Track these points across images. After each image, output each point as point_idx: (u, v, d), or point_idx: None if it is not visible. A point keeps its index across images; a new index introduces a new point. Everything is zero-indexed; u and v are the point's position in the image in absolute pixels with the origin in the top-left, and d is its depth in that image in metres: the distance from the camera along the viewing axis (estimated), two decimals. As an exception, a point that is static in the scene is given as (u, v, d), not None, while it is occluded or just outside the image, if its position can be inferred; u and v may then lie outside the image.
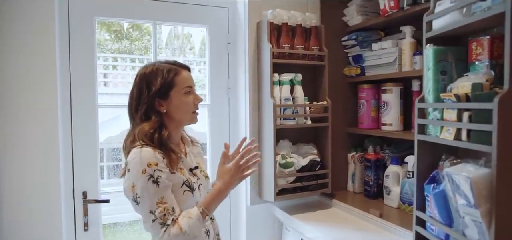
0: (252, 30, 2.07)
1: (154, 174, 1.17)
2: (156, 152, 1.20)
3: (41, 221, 1.74)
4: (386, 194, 1.99)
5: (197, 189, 1.30)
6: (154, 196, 1.17)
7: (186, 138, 1.43)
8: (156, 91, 1.25)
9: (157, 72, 1.27)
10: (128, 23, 3.46)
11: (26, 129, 1.71)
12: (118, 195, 2.43)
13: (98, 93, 1.95)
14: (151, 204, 1.17)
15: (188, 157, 1.36)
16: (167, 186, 1.20)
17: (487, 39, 1.12)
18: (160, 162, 1.19)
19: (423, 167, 1.28)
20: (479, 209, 0.95)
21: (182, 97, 1.29)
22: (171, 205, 1.20)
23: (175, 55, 5.15)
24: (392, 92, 2.02)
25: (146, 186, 1.17)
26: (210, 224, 1.37)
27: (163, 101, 1.27)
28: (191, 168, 1.34)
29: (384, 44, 2.02)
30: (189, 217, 1.21)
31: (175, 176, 1.23)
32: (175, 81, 1.28)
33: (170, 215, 1.18)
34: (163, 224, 1.17)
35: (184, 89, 1.29)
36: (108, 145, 4.53)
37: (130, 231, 4.11)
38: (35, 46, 1.71)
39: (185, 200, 1.25)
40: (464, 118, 1.06)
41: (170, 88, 1.27)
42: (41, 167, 1.74)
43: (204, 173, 1.40)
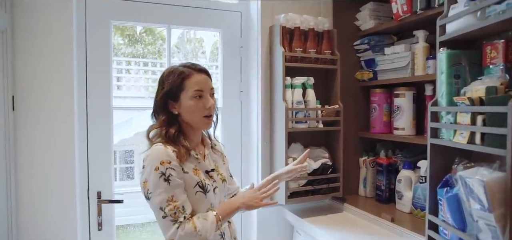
0: (264, 34, 2.09)
1: (166, 172, 1.19)
2: (168, 149, 1.22)
3: (57, 219, 1.78)
4: (398, 199, 1.98)
5: (211, 191, 1.31)
6: (165, 193, 1.19)
7: (207, 141, 1.43)
8: (166, 92, 1.28)
9: (170, 74, 1.30)
10: (143, 27, 3.50)
11: (44, 130, 1.75)
12: (131, 196, 2.47)
13: (113, 96, 1.98)
14: (161, 201, 1.19)
15: (206, 159, 1.37)
16: (178, 184, 1.22)
17: (502, 42, 1.11)
18: (173, 161, 1.21)
19: (436, 171, 1.27)
20: (493, 213, 0.94)
21: (190, 101, 1.28)
22: (182, 203, 1.21)
23: (188, 59, 5.20)
24: (404, 97, 2.01)
25: (157, 183, 1.19)
26: (227, 227, 1.38)
27: (174, 103, 1.29)
28: (208, 171, 1.35)
29: (397, 48, 2.01)
30: (204, 219, 1.23)
31: (188, 176, 1.25)
32: (185, 84, 1.28)
33: (180, 213, 1.20)
34: (175, 221, 1.19)
35: (194, 92, 1.28)
36: (121, 147, 4.59)
37: (143, 232, 4.15)
38: (53, 50, 1.75)
39: (198, 200, 1.27)
40: (478, 122, 1.06)
41: (179, 90, 1.28)
42: (57, 167, 1.77)
43: (221, 177, 1.40)
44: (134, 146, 4.61)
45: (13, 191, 1.69)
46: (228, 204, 1.34)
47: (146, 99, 5.32)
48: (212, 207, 1.31)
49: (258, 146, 2.12)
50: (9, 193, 1.67)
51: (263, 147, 2.10)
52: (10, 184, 1.67)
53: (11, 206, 1.67)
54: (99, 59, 1.92)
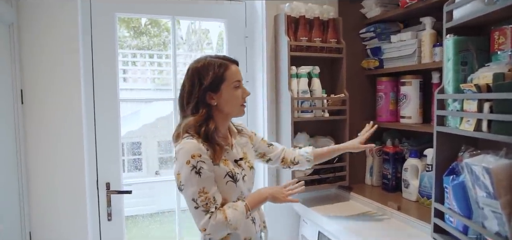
0: (269, 24, 2.08)
1: (197, 165, 1.24)
2: (200, 144, 1.26)
3: (67, 210, 1.81)
4: (404, 188, 1.97)
5: (241, 179, 1.36)
6: (196, 185, 1.24)
7: (233, 130, 1.48)
8: (208, 84, 1.30)
9: (208, 66, 1.32)
10: (147, 18, 3.51)
11: (52, 123, 1.77)
12: (139, 187, 2.50)
13: (120, 89, 2.00)
14: (193, 192, 1.24)
15: (234, 148, 1.41)
16: (209, 176, 1.26)
17: (510, 28, 1.10)
18: (203, 154, 1.25)
19: (442, 159, 1.27)
20: (499, 200, 0.94)
21: (231, 91, 1.33)
22: (213, 194, 1.27)
23: (193, 50, 5.20)
24: (411, 85, 2.00)
25: (189, 176, 1.24)
26: (257, 213, 1.45)
27: (214, 94, 1.32)
28: (236, 160, 1.39)
29: (403, 36, 1.99)
30: (235, 209, 1.29)
31: (218, 167, 1.30)
32: (226, 75, 1.32)
33: (212, 204, 1.25)
34: (207, 211, 1.25)
35: (234, 83, 1.34)
36: (128, 139, 4.63)
37: (151, 222, 4.21)
38: (59, 43, 1.76)
39: (228, 190, 1.32)
40: (485, 109, 1.05)
41: (221, 82, 1.32)
42: (66, 159, 1.80)
43: (249, 164, 1.45)
44: (142, 138, 4.65)
45: (24, 183, 1.72)
46: (257, 194, 1.40)
47: (152, 91, 5.35)
48: (242, 195, 1.37)
49: (264, 135, 2.12)
50: (20, 185, 1.70)
51: (269, 137, 2.10)
52: (20, 176, 1.70)
53: (22, 197, 1.71)
54: (105, 51, 1.93)
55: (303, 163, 1.67)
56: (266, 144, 1.63)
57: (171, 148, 2.06)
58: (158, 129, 4.57)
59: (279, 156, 1.64)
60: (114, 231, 2.00)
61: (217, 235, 1.30)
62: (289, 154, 1.67)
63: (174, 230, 2.23)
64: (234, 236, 1.34)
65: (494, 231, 1.00)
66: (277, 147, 1.65)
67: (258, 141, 1.60)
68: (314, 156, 1.68)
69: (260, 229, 1.45)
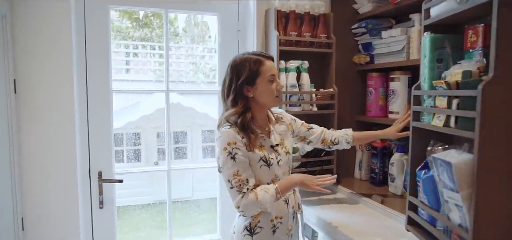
0: (260, 18, 2.11)
1: (232, 151, 1.40)
2: (236, 132, 1.42)
3: (59, 197, 1.87)
4: (390, 182, 2.00)
5: (275, 164, 1.51)
6: (231, 169, 1.41)
7: (271, 118, 1.61)
8: (245, 79, 1.44)
9: (245, 62, 1.46)
10: (141, 11, 3.54)
11: (45, 112, 1.83)
12: (132, 177, 2.56)
13: (120, 80, 2.05)
14: (229, 175, 1.42)
15: (272, 135, 1.54)
16: (243, 161, 1.42)
17: (482, 26, 1.12)
18: (238, 142, 1.41)
19: (417, 153, 1.30)
20: (460, 193, 0.97)
21: (266, 84, 1.47)
22: (246, 177, 1.42)
23: (195, 42, 5.24)
24: (399, 81, 2.02)
25: (225, 160, 1.41)
26: (293, 194, 1.58)
27: (250, 88, 1.46)
28: (273, 145, 1.53)
29: (393, 32, 2.01)
30: (266, 191, 1.43)
31: (252, 153, 1.45)
32: (261, 70, 1.46)
33: (244, 185, 1.41)
34: (240, 191, 1.41)
35: (268, 77, 1.46)
36: (128, 130, 4.71)
37: (143, 211, 4.30)
38: (52, 34, 1.81)
39: (262, 173, 1.48)
40: (453, 105, 1.07)
41: (256, 76, 1.45)
42: (58, 148, 1.86)
43: (285, 150, 1.57)
44: (140, 130, 4.72)
45: (17, 171, 1.79)
46: (288, 179, 1.53)
47: (153, 83, 5.40)
48: (276, 177, 1.51)
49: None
50: (13, 173, 1.76)
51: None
52: (13, 164, 1.76)
53: (15, 184, 1.77)
54: (98, 42, 1.97)
55: (343, 143, 1.81)
56: (306, 128, 1.76)
57: (170, 139, 2.13)
58: (157, 120, 4.63)
59: (319, 138, 1.78)
60: (106, 219, 2.06)
61: (250, 213, 1.45)
62: (328, 135, 1.80)
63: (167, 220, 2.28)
64: (266, 214, 1.48)
65: (457, 223, 1.03)
66: (316, 129, 1.78)
67: (298, 126, 1.73)
68: (353, 139, 1.82)
69: (294, 210, 1.58)
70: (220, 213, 2.34)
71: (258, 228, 1.49)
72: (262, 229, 1.49)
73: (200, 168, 3.83)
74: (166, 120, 2.16)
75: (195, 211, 4.70)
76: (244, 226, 1.50)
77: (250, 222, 1.49)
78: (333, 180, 1.56)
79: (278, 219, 1.51)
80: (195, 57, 5.39)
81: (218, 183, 2.32)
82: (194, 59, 5.38)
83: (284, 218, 1.53)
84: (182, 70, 5.32)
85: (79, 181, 1.92)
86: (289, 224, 1.56)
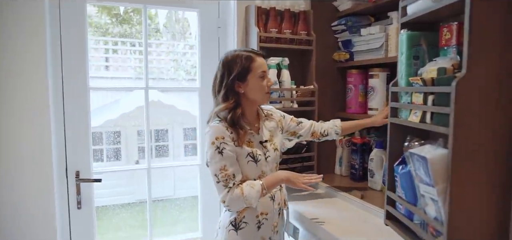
0: (240, 14, 2.10)
1: (220, 146, 1.43)
2: (225, 128, 1.45)
3: (35, 197, 1.82)
4: (370, 177, 2.04)
5: (263, 160, 1.53)
6: (219, 163, 1.43)
7: (261, 114, 1.63)
8: (236, 74, 1.47)
9: (236, 58, 1.49)
10: (119, 6, 3.48)
11: (19, 110, 1.77)
12: (112, 176, 2.52)
13: (99, 77, 2.01)
14: (216, 169, 1.44)
15: (261, 131, 1.57)
16: (230, 156, 1.44)
17: (456, 24, 1.14)
18: (226, 136, 1.44)
19: (395, 149, 1.32)
20: (436, 187, 0.99)
21: (257, 81, 1.49)
22: (233, 172, 1.44)
23: (176, 39, 5.18)
24: (378, 78, 2.05)
25: (213, 154, 1.44)
26: (279, 191, 1.61)
27: (241, 83, 1.48)
28: (262, 141, 1.56)
29: (372, 29, 2.04)
30: (251, 187, 1.46)
31: (240, 149, 1.47)
32: (252, 66, 1.48)
33: (231, 180, 1.44)
34: (226, 186, 1.43)
35: (259, 73, 1.49)
36: (107, 128, 4.62)
37: (124, 211, 4.23)
38: (26, 30, 1.75)
39: (249, 169, 1.50)
40: (429, 102, 1.10)
41: (247, 72, 1.48)
42: (33, 147, 1.81)
43: (274, 146, 1.60)
44: (120, 128, 4.64)
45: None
46: (274, 176, 1.54)
47: (133, 80, 5.31)
48: (263, 174, 1.54)
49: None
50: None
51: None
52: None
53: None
54: (74, 39, 1.92)
55: (332, 134, 1.84)
56: (296, 122, 1.78)
57: (150, 138, 2.11)
58: (138, 118, 4.57)
59: (309, 131, 1.80)
60: (84, 219, 2.02)
61: (235, 208, 1.48)
62: (318, 127, 1.83)
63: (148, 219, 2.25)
64: (251, 210, 1.50)
65: (433, 217, 1.06)
66: (305, 123, 1.81)
67: (288, 122, 1.76)
68: (342, 129, 1.84)
69: (279, 207, 1.61)
70: (201, 211, 2.32)
71: (243, 224, 1.51)
72: (247, 224, 1.51)
73: (181, 166, 3.80)
74: (145, 118, 2.13)
75: (177, 210, 4.66)
76: (229, 221, 1.52)
77: (235, 217, 1.51)
78: (319, 179, 1.59)
79: (263, 215, 1.53)
80: (176, 54, 5.33)
81: (199, 181, 2.30)
82: (175, 56, 5.32)
83: (270, 214, 1.55)
84: (163, 67, 5.26)
85: (56, 181, 1.88)
86: (275, 221, 1.58)
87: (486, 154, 0.99)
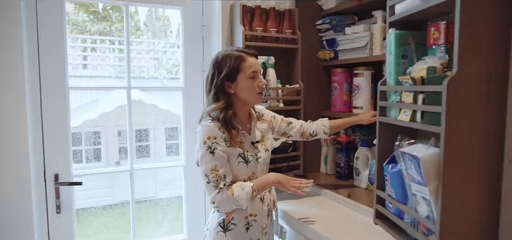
0: (225, 13, 2.07)
1: (212, 146, 1.40)
2: (217, 127, 1.42)
3: (11, 202, 1.74)
4: (355, 175, 2.04)
5: (254, 160, 1.51)
6: (210, 163, 1.41)
7: (253, 115, 1.60)
8: (226, 74, 1.44)
9: (226, 58, 1.46)
10: (99, 3, 3.38)
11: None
12: (92, 177, 2.44)
13: (77, 75, 1.93)
14: (206, 169, 1.41)
15: (252, 132, 1.55)
16: (221, 157, 1.42)
17: (444, 24, 1.15)
18: (218, 136, 1.42)
19: (384, 148, 1.32)
20: (428, 186, 0.99)
21: (248, 81, 1.46)
22: (224, 173, 1.42)
23: (156, 37, 5.08)
24: (363, 76, 2.06)
25: (204, 154, 1.41)
26: (268, 193, 1.59)
27: (231, 84, 1.46)
28: (253, 142, 1.54)
29: (357, 28, 2.04)
30: (242, 188, 1.43)
31: (232, 149, 1.45)
32: (242, 66, 1.45)
33: (221, 180, 1.41)
34: (216, 186, 1.41)
35: (250, 73, 1.46)
36: (86, 128, 4.48)
37: (105, 214, 4.12)
38: (0, 29, 1.67)
39: (240, 169, 1.48)
40: (419, 101, 1.10)
41: (237, 72, 1.45)
42: (8, 150, 1.72)
43: (265, 147, 1.59)
44: (100, 128, 4.51)
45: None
46: (265, 178, 1.53)
47: (113, 79, 5.19)
48: (253, 175, 1.52)
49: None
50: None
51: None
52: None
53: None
54: (52, 37, 1.84)
55: (321, 134, 1.84)
56: (286, 123, 1.78)
57: (132, 138, 2.05)
58: (118, 118, 4.46)
59: (299, 131, 1.80)
60: (64, 224, 1.94)
61: (225, 209, 1.45)
62: (307, 128, 1.82)
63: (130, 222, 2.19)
64: (240, 211, 1.48)
65: (424, 215, 1.06)
66: (295, 124, 1.80)
67: (278, 122, 1.75)
68: (330, 128, 1.84)
69: (269, 208, 1.59)
70: (186, 213, 2.28)
71: (232, 225, 1.49)
72: (236, 226, 1.49)
73: (165, 167, 3.72)
74: (128, 118, 2.07)
75: (160, 211, 4.58)
76: (218, 223, 1.50)
77: (224, 218, 1.49)
78: (310, 184, 1.57)
79: (252, 217, 1.51)
80: (157, 53, 5.24)
81: (184, 182, 2.26)
82: (156, 55, 5.23)
83: (259, 216, 1.53)
84: (144, 65, 5.16)
85: (33, 185, 1.80)
86: (264, 222, 1.56)
87: (478, 152, 1.00)
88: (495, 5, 0.99)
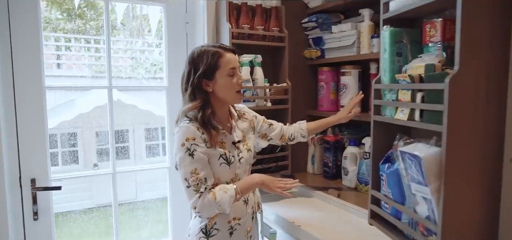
0: (210, 10, 2.01)
1: (191, 148, 1.33)
2: (195, 128, 1.34)
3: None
4: (344, 175, 2.03)
5: (236, 161, 1.44)
6: (189, 166, 1.33)
7: (234, 114, 1.53)
8: (202, 72, 1.37)
9: (203, 54, 1.38)
10: (79, 0, 3.25)
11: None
12: (70, 181, 2.32)
13: (51, 75, 1.83)
14: (186, 172, 1.34)
15: (233, 131, 1.48)
16: (201, 159, 1.34)
17: (440, 21, 1.14)
18: (197, 138, 1.34)
19: (379, 147, 1.30)
20: (429, 186, 0.98)
21: (226, 78, 1.39)
22: (204, 176, 1.34)
23: (133, 36, 4.95)
24: (350, 75, 2.05)
25: (183, 157, 1.33)
26: (252, 194, 1.52)
27: (209, 82, 1.39)
28: (234, 142, 1.46)
29: (343, 26, 2.03)
30: (225, 191, 1.36)
31: (213, 150, 1.38)
32: (220, 63, 1.38)
33: (202, 184, 1.33)
34: (197, 191, 1.33)
35: (228, 70, 1.39)
36: (62, 130, 4.31)
37: (85, 219, 3.98)
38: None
39: (222, 171, 1.40)
40: (418, 99, 1.08)
41: (215, 69, 1.38)
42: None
43: (247, 147, 1.52)
44: (78, 129, 4.35)
45: None
46: (249, 180, 1.47)
47: (89, 79, 5.02)
48: (236, 176, 1.45)
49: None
50: None
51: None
52: None
53: None
54: (27, 35, 1.73)
55: (299, 138, 1.79)
56: (267, 124, 1.71)
57: (113, 140, 1.96)
58: (96, 119, 4.31)
59: (279, 135, 1.74)
60: (42, 231, 1.83)
61: (207, 214, 1.38)
62: (286, 131, 1.76)
63: (112, 225, 2.10)
64: (223, 215, 1.40)
65: (424, 216, 1.04)
66: (276, 126, 1.73)
67: (260, 123, 1.68)
68: (308, 131, 1.79)
69: (253, 210, 1.52)
70: (171, 215, 2.21)
71: (215, 231, 1.41)
72: (219, 231, 1.41)
73: (149, 169, 3.60)
74: (109, 118, 1.97)
75: (142, 214, 4.46)
76: (200, 229, 1.42)
77: (206, 224, 1.41)
78: (296, 184, 1.53)
79: (236, 221, 1.44)
80: (135, 52, 5.10)
81: (168, 184, 2.18)
82: (133, 54, 5.09)
83: (243, 219, 1.46)
84: (121, 65, 5.01)
85: (8, 191, 1.68)
86: (248, 226, 1.49)
87: (478, 152, 0.99)
88: (494, 5, 0.99)
